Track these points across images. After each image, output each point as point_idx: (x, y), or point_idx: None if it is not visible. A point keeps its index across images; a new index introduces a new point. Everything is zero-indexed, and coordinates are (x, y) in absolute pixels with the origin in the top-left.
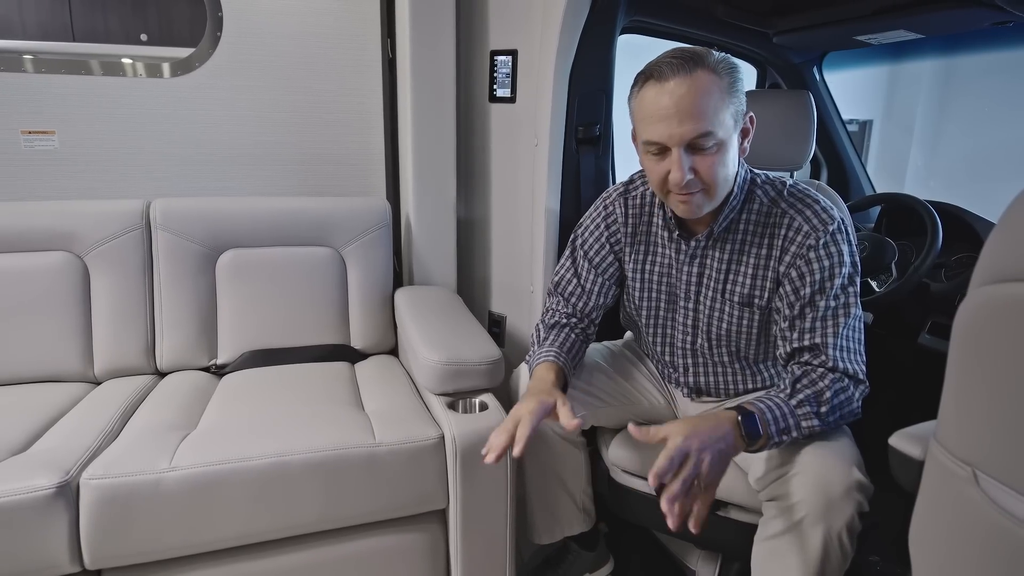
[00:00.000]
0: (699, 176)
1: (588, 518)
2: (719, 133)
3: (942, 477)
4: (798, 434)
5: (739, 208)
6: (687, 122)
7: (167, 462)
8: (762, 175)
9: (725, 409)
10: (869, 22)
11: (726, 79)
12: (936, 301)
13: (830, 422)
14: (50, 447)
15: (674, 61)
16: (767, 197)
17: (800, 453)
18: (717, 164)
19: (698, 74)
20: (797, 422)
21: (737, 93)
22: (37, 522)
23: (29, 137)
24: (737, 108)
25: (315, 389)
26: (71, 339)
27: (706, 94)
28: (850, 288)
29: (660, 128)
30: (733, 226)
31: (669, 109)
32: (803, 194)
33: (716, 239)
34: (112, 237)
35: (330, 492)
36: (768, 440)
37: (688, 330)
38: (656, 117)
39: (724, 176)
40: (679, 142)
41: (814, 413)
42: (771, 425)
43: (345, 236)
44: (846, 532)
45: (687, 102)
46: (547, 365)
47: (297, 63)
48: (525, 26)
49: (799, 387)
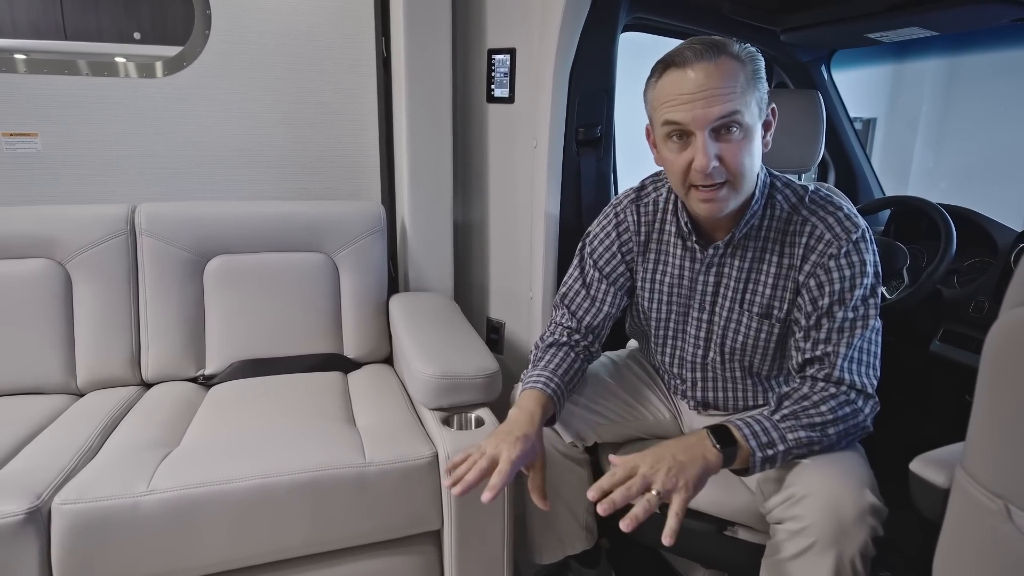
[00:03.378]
0: (724, 164)
1: (590, 536)
2: (746, 117)
3: (971, 509)
4: (785, 447)
5: (760, 213)
6: (714, 103)
7: (145, 485)
8: (782, 178)
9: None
10: (881, 19)
11: (750, 66)
12: (949, 307)
13: (831, 436)
14: (23, 468)
15: (697, 47)
16: (788, 203)
17: (809, 474)
18: (743, 152)
19: (723, 59)
20: (782, 435)
21: (760, 81)
22: (5, 550)
23: (11, 140)
24: (761, 96)
25: (305, 402)
26: (52, 349)
27: (732, 77)
28: (871, 300)
29: (683, 111)
30: (753, 232)
31: (695, 92)
32: (825, 200)
33: (736, 246)
34: (95, 243)
35: (318, 514)
36: (752, 455)
37: (700, 343)
38: (679, 100)
39: (750, 166)
40: (703, 124)
41: (802, 426)
42: (750, 439)
43: (338, 241)
44: (859, 559)
45: (712, 83)
46: (534, 395)
47: (288, 62)
48: (524, 24)
49: (784, 403)
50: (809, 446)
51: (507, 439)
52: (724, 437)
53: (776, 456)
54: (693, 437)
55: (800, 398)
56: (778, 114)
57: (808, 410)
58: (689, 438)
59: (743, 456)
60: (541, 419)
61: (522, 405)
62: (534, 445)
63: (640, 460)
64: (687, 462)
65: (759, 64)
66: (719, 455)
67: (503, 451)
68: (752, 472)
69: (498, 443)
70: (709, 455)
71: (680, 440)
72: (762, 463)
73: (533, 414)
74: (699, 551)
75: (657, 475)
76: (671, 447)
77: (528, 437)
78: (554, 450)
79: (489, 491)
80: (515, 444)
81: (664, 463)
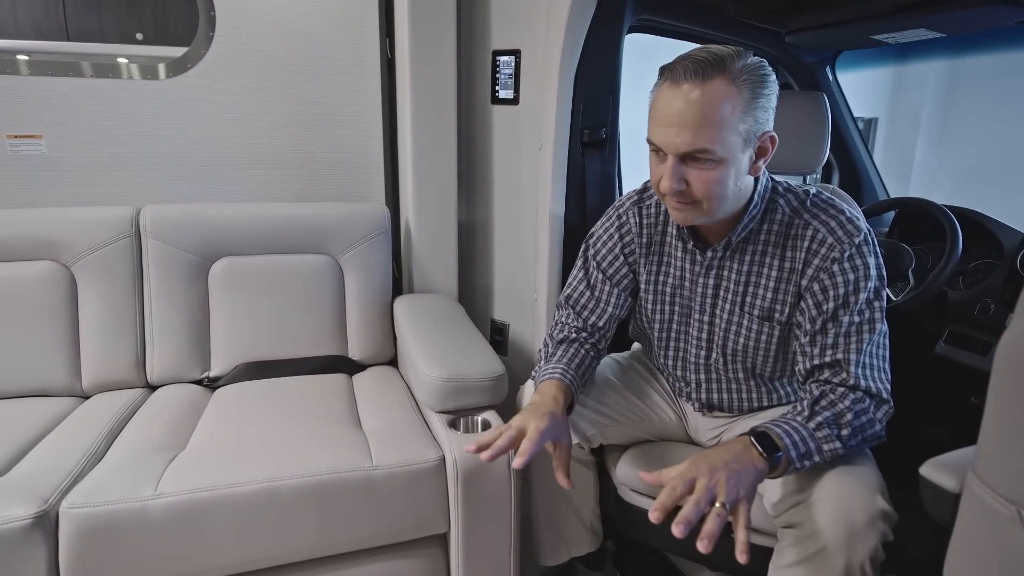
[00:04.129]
0: (690, 189)
1: (596, 538)
2: (718, 152)
3: (982, 515)
4: (820, 459)
5: (759, 218)
6: (685, 133)
7: (152, 488)
8: (784, 183)
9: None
10: (887, 20)
11: (746, 93)
12: (954, 309)
13: (851, 445)
14: (30, 471)
15: (690, 65)
16: (789, 207)
17: (819, 478)
18: (712, 181)
19: (713, 83)
20: (818, 446)
21: (756, 110)
22: (13, 554)
23: (15, 142)
24: (751, 127)
25: (310, 405)
26: (58, 352)
27: (714, 108)
28: (876, 303)
29: (660, 133)
30: (753, 236)
31: (672, 117)
32: (827, 203)
33: (734, 250)
34: (100, 246)
35: (325, 518)
36: (789, 464)
37: (702, 344)
38: (661, 120)
39: (720, 194)
40: (674, 151)
41: (835, 436)
42: (791, 449)
43: (342, 243)
44: (869, 563)
45: (691, 113)
46: (553, 383)
47: (293, 63)
48: (529, 25)
49: (818, 408)
50: (833, 454)
51: (534, 414)
52: (768, 444)
53: (807, 466)
54: (738, 445)
55: (829, 404)
56: (784, 115)
57: (840, 418)
58: (734, 446)
59: (784, 464)
60: (564, 402)
61: (543, 391)
62: (561, 422)
63: (695, 471)
64: (742, 471)
65: (762, 90)
66: (766, 463)
67: (531, 423)
68: (777, 476)
69: (526, 417)
70: (759, 463)
71: (725, 449)
72: (792, 471)
73: (556, 397)
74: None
75: (719, 487)
76: (720, 456)
77: (554, 415)
78: None
79: (520, 456)
80: (543, 418)
81: (721, 473)
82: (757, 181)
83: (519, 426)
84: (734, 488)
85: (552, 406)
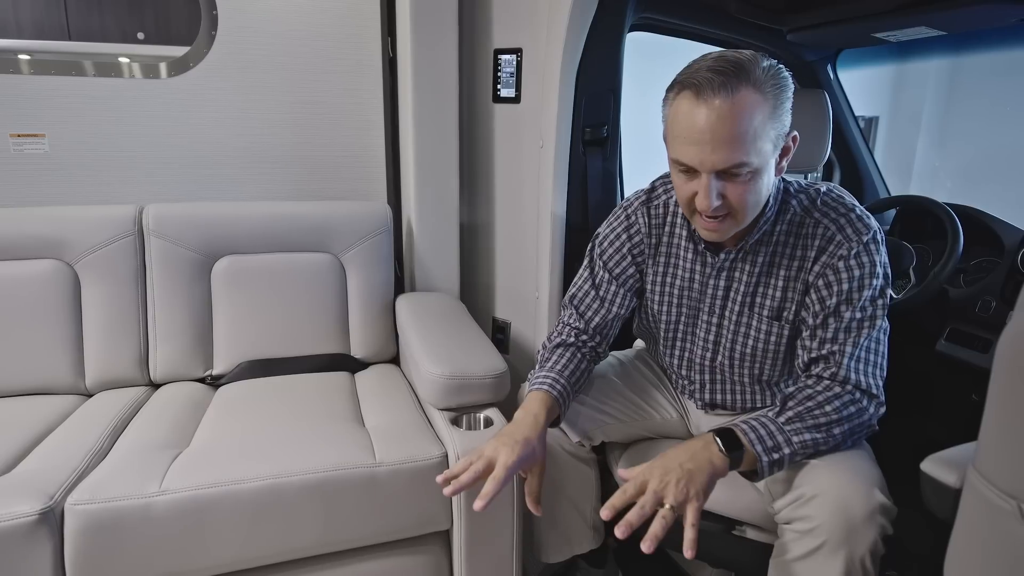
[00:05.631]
0: (727, 202)
1: (598, 535)
2: (754, 162)
3: (983, 510)
4: (791, 450)
5: (772, 219)
6: (721, 150)
7: (157, 485)
8: (795, 183)
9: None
10: (889, 18)
11: (771, 99)
12: (955, 307)
13: (837, 436)
14: (35, 468)
15: (715, 78)
16: (801, 207)
17: (818, 474)
18: (748, 192)
19: (741, 95)
20: (787, 438)
21: (781, 115)
22: (19, 551)
23: (18, 140)
24: (779, 132)
25: (313, 402)
26: (61, 350)
27: (746, 120)
28: (879, 300)
29: (691, 151)
30: (766, 238)
31: (704, 133)
32: (837, 202)
33: (747, 252)
34: (103, 244)
35: (328, 514)
36: (759, 460)
37: (708, 346)
38: (689, 139)
39: (755, 202)
40: (710, 169)
41: (808, 428)
42: (755, 444)
43: (345, 241)
44: (869, 557)
45: (724, 128)
46: (539, 397)
47: (295, 63)
48: (530, 23)
49: (791, 403)
50: (815, 447)
51: (507, 442)
52: (730, 441)
53: (783, 459)
54: (699, 442)
55: (804, 398)
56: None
57: (813, 411)
58: (695, 443)
59: (749, 460)
60: (545, 422)
61: (527, 407)
62: (535, 449)
63: (648, 474)
64: (695, 470)
65: (785, 93)
66: (726, 460)
67: (501, 455)
68: (761, 477)
69: (497, 446)
70: (716, 460)
71: (687, 446)
72: (769, 467)
73: (537, 417)
74: (707, 550)
75: (667, 489)
76: (678, 455)
77: (529, 441)
78: (561, 449)
79: (481, 499)
80: (514, 448)
81: (673, 475)
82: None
83: (489, 457)
84: (683, 490)
85: (529, 430)
